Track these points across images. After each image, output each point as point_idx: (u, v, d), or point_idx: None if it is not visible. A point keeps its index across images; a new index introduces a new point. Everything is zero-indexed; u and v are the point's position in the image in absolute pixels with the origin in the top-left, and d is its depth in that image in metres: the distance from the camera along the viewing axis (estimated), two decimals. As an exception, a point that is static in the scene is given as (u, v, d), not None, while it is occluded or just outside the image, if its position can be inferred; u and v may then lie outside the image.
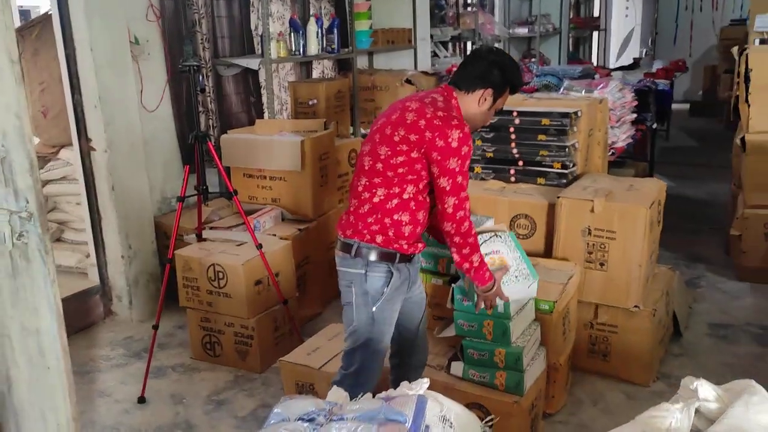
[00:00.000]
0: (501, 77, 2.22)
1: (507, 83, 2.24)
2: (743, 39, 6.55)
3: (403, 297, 2.29)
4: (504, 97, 2.27)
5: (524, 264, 2.48)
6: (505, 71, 2.23)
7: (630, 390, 3.09)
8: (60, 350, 2.31)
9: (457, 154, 2.07)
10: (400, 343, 2.41)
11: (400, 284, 2.23)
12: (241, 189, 3.94)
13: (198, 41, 4.35)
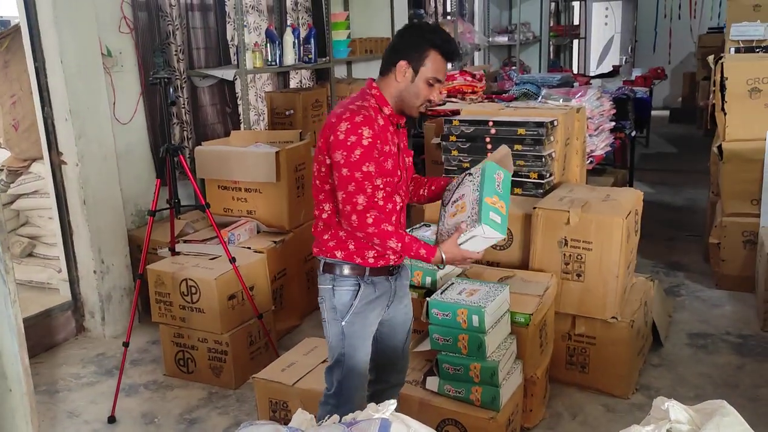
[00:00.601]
0: (412, 44, 2.03)
1: (422, 47, 2.02)
2: (720, 47, 6.61)
3: (381, 312, 2.19)
4: (429, 61, 2.02)
5: (477, 207, 1.99)
6: (413, 36, 2.05)
7: (609, 402, 3.06)
8: (21, 372, 2.25)
9: (342, 146, 1.95)
10: (377, 360, 2.31)
11: (374, 298, 2.14)
12: (216, 201, 3.89)
13: (171, 53, 4.30)
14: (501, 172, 2.04)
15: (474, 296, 2.51)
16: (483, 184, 2.00)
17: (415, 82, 2.04)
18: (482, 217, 1.92)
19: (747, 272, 4.11)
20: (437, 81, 2.05)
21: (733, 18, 5.54)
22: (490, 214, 1.94)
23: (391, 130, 2.10)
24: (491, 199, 1.97)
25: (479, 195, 1.98)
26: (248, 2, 5.15)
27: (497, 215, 1.96)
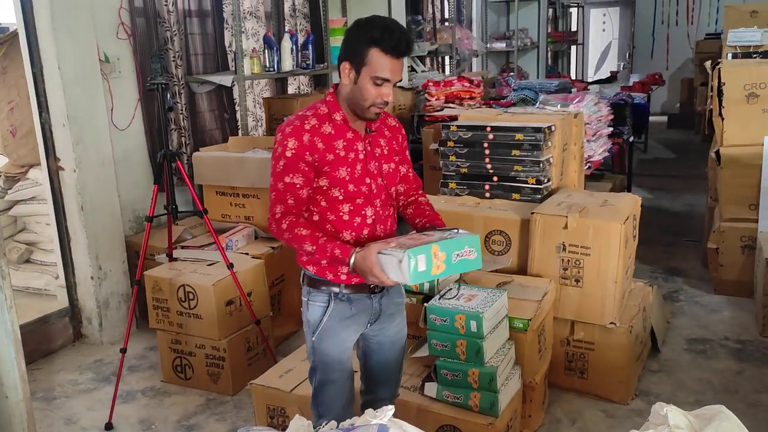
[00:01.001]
0: (352, 42, 1.90)
1: (361, 44, 1.87)
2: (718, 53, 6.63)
3: (359, 329, 2.10)
4: (371, 59, 1.87)
5: (419, 244, 1.84)
6: (353, 34, 1.91)
7: (608, 408, 3.05)
8: (18, 379, 2.24)
9: (272, 156, 1.96)
10: (366, 373, 2.25)
11: (349, 316, 2.05)
12: (213, 207, 3.89)
13: (169, 59, 4.30)
14: (476, 253, 1.87)
15: (472, 302, 2.51)
16: (449, 240, 1.85)
17: (359, 83, 1.90)
18: (413, 250, 1.77)
19: (745, 277, 4.11)
20: (383, 80, 1.88)
21: (731, 24, 5.57)
22: (420, 256, 1.78)
23: (349, 136, 1.98)
24: (437, 249, 1.82)
25: (433, 240, 1.86)
26: (246, 8, 5.15)
27: (426, 265, 1.78)
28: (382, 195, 2.05)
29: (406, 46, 1.88)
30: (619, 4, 12.77)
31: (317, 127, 1.94)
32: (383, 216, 2.07)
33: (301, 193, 1.95)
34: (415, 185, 2.24)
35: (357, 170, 1.98)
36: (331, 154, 1.95)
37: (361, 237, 2.02)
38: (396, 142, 2.13)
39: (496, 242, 3.24)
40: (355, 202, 1.99)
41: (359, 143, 2.00)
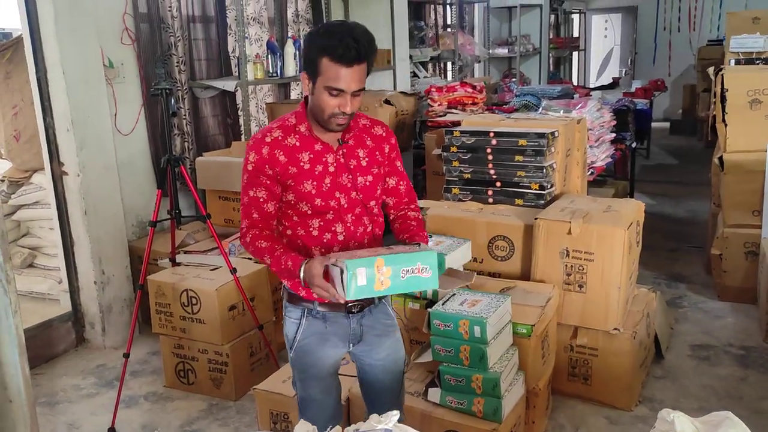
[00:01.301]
0: (307, 52, 1.82)
1: (313, 54, 1.79)
2: (720, 59, 6.64)
3: (338, 349, 2.02)
4: (323, 68, 1.77)
5: (365, 256, 1.72)
6: (307, 44, 1.83)
7: (612, 414, 3.04)
8: (22, 383, 2.24)
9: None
10: (365, 397, 2.20)
11: (322, 335, 1.98)
12: (217, 212, 3.90)
13: (173, 64, 4.31)
14: (430, 271, 1.72)
15: (475, 307, 2.50)
16: (398, 254, 1.72)
17: (315, 94, 1.82)
18: (354, 263, 1.67)
19: (749, 283, 4.10)
20: (337, 90, 1.78)
21: (733, 30, 5.58)
22: (360, 269, 1.66)
23: (317, 148, 1.89)
24: (380, 263, 1.68)
25: (380, 253, 1.74)
26: (249, 14, 5.17)
27: (366, 279, 1.67)
28: (356, 209, 1.95)
29: (356, 54, 1.75)
30: (620, 10, 12.80)
31: (280, 140, 1.88)
32: (358, 232, 1.97)
33: (266, 207, 1.91)
34: (407, 199, 2.12)
35: (326, 184, 1.89)
36: (294, 167, 1.87)
37: (317, 252, 1.94)
38: (380, 153, 2.00)
39: (499, 248, 3.24)
40: (324, 217, 1.92)
41: (329, 155, 1.90)
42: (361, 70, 1.80)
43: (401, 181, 2.09)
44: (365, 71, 1.82)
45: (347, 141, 1.93)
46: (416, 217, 2.08)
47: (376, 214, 2.03)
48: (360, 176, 1.94)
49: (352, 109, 1.82)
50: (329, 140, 1.91)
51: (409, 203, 2.12)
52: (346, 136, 1.93)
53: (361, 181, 1.94)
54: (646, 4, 12.10)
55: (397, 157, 2.06)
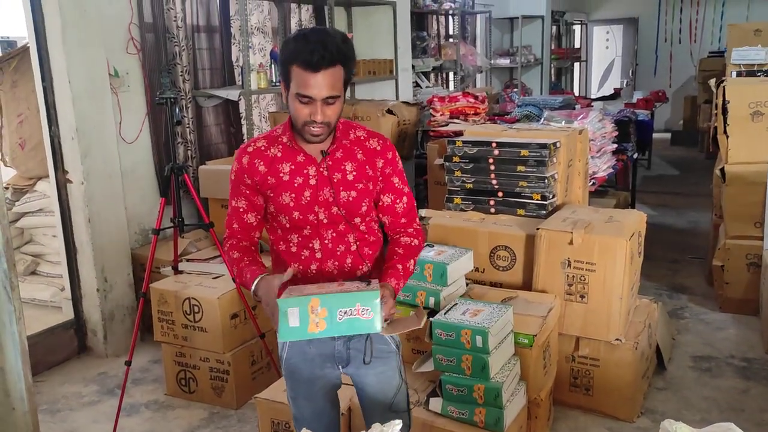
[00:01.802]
0: (281, 59, 1.75)
1: (285, 61, 1.72)
2: (721, 71, 6.67)
3: (326, 371, 1.92)
4: (293, 75, 1.70)
5: (305, 293, 1.63)
6: (281, 50, 1.76)
7: (614, 426, 3.04)
8: (25, 390, 2.24)
9: None
10: (362, 409, 2.08)
11: (308, 356, 1.89)
12: (219, 220, 3.88)
13: (177, 73, 4.34)
14: (372, 313, 1.58)
15: (477, 317, 2.51)
16: (335, 294, 1.60)
17: (289, 102, 1.75)
18: (287, 301, 1.57)
19: (751, 295, 4.10)
20: (306, 97, 1.69)
21: (734, 42, 5.61)
22: (293, 309, 1.56)
23: (299, 159, 1.82)
24: (315, 303, 1.56)
25: (329, 290, 1.63)
26: (253, 24, 5.20)
27: (299, 320, 1.56)
28: (338, 226, 1.85)
29: (321, 59, 1.65)
30: (622, 21, 12.85)
31: (263, 150, 1.83)
32: (338, 250, 1.86)
33: (246, 217, 1.87)
34: (405, 219, 1.95)
35: (305, 197, 1.81)
36: (273, 178, 1.81)
37: (309, 272, 1.86)
38: (371, 167, 1.87)
39: (501, 257, 3.25)
40: (302, 232, 1.84)
41: (311, 167, 1.82)
42: (332, 76, 1.68)
43: (398, 200, 1.93)
44: (338, 77, 1.70)
45: (334, 153, 1.83)
46: (407, 244, 1.93)
47: (366, 232, 1.91)
48: (343, 191, 1.83)
49: (324, 118, 1.72)
50: (313, 152, 1.83)
51: (406, 225, 1.96)
52: (331, 148, 1.83)
53: (343, 196, 1.83)
54: (647, 16, 12.16)
55: (394, 173, 1.91)
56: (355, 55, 1.77)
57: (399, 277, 1.86)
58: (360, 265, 1.89)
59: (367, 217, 1.89)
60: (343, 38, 1.73)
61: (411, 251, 1.93)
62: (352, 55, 1.75)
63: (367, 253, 1.91)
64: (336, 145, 1.84)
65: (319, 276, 1.85)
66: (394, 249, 1.92)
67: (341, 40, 1.71)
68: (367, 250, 1.91)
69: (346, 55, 1.72)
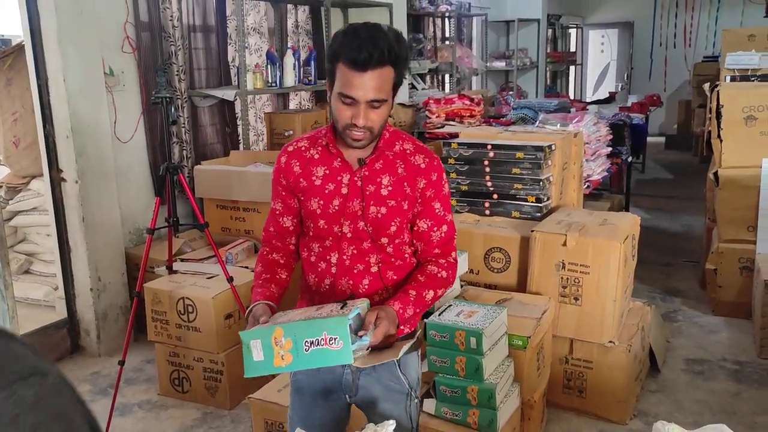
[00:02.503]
0: (328, 56, 1.62)
1: (332, 57, 1.59)
2: (715, 75, 6.70)
3: (329, 399, 1.80)
4: (338, 73, 1.57)
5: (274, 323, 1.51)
6: (329, 46, 1.63)
7: (607, 428, 3.04)
8: (17, 389, 2.24)
9: None
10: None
11: (312, 376, 1.78)
12: (214, 220, 3.90)
13: (173, 73, 4.33)
14: (341, 342, 1.42)
15: (472, 318, 2.51)
16: (300, 322, 1.45)
17: (332, 102, 1.62)
18: (250, 333, 1.46)
19: (743, 299, 4.12)
20: (347, 97, 1.56)
21: (728, 47, 5.63)
22: (255, 341, 1.44)
23: (335, 165, 1.69)
24: (279, 334, 1.43)
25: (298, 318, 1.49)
26: (250, 24, 5.20)
27: (263, 353, 1.43)
28: (362, 243, 1.69)
29: (367, 56, 1.51)
30: (617, 25, 12.91)
31: (303, 150, 1.73)
32: (355, 269, 1.70)
33: (282, 221, 1.77)
34: (439, 250, 1.74)
35: (333, 206, 1.68)
36: (305, 181, 1.70)
37: (322, 287, 1.73)
38: (410, 186, 1.69)
39: (495, 259, 3.26)
40: (323, 242, 1.72)
41: (345, 175, 1.68)
42: (379, 78, 1.54)
43: (436, 227, 1.73)
44: (387, 79, 1.57)
45: (372, 163, 1.68)
46: (432, 273, 1.72)
47: (392, 255, 1.72)
48: (373, 205, 1.67)
49: (367, 123, 1.58)
50: (351, 159, 1.68)
51: (439, 256, 1.75)
52: (371, 157, 1.68)
53: (372, 212, 1.67)
54: (642, 20, 12.21)
55: (436, 197, 1.72)
56: (408, 56, 1.63)
57: (407, 302, 1.64)
58: (379, 289, 1.72)
59: (397, 239, 1.72)
60: (397, 37, 1.58)
61: (433, 282, 1.71)
62: (405, 55, 1.60)
63: (390, 277, 1.73)
64: (377, 154, 1.69)
65: (332, 293, 1.72)
66: (416, 275, 1.73)
67: (394, 39, 1.56)
68: (391, 275, 1.74)
69: (399, 56, 1.57)
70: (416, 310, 1.68)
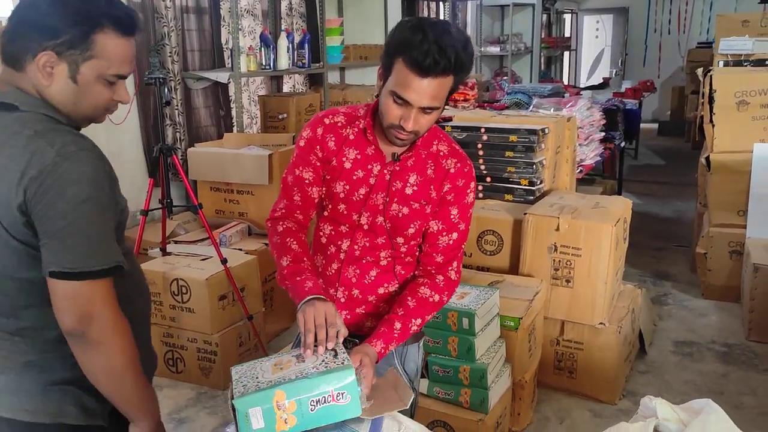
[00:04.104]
0: (387, 44, 1.51)
1: (391, 47, 1.49)
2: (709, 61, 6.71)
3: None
4: (395, 68, 1.48)
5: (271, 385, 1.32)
6: (391, 34, 1.52)
7: (596, 408, 3.08)
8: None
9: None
10: None
11: None
12: (208, 202, 3.90)
13: (166, 54, 4.31)
14: (348, 396, 1.31)
15: (464, 299, 2.54)
16: (301, 380, 1.31)
17: (382, 94, 1.53)
18: (246, 400, 1.29)
19: (733, 282, 4.16)
20: (400, 98, 1.47)
21: (722, 33, 5.64)
22: (254, 409, 1.28)
23: (368, 152, 1.63)
24: (281, 396, 1.29)
25: (277, 372, 1.36)
26: (243, 6, 5.17)
27: (264, 420, 1.29)
28: (378, 238, 1.65)
29: (434, 64, 1.42)
30: (612, 11, 12.88)
31: (339, 126, 1.64)
32: (364, 260, 1.66)
33: (310, 191, 1.66)
34: (442, 260, 1.67)
35: (358, 194, 1.63)
36: (336, 160, 1.63)
37: (329, 271, 1.69)
38: (435, 189, 1.64)
39: (488, 242, 3.28)
40: (338, 227, 1.67)
41: (377, 165, 1.62)
42: (440, 86, 1.46)
43: (445, 232, 1.66)
44: (445, 88, 1.49)
45: (405, 160, 1.62)
46: (423, 297, 1.63)
47: (405, 253, 1.68)
48: (396, 203, 1.62)
49: (415, 127, 1.51)
50: (386, 149, 1.62)
51: (440, 267, 1.67)
52: (405, 154, 1.62)
53: (394, 209, 1.62)
54: (637, 6, 12.18)
55: (455, 202, 1.65)
56: (472, 65, 1.53)
57: (390, 339, 1.57)
58: (387, 282, 1.68)
59: (413, 240, 1.67)
60: (465, 44, 1.47)
61: (424, 308, 1.63)
62: (469, 65, 1.50)
63: (398, 271, 1.69)
64: (412, 152, 1.62)
65: (336, 279, 1.68)
66: (406, 299, 1.63)
67: (462, 47, 1.46)
68: (400, 269, 1.69)
69: (463, 66, 1.48)
70: (398, 344, 1.60)
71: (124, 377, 1.35)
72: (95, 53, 1.31)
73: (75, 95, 1.34)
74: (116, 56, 1.33)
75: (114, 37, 1.32)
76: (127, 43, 1.34)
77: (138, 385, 1.40)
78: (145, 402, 1.43)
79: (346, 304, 1.70)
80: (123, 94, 1.39)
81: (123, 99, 1.39)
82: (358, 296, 1.69)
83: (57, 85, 1.32)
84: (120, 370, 1.34)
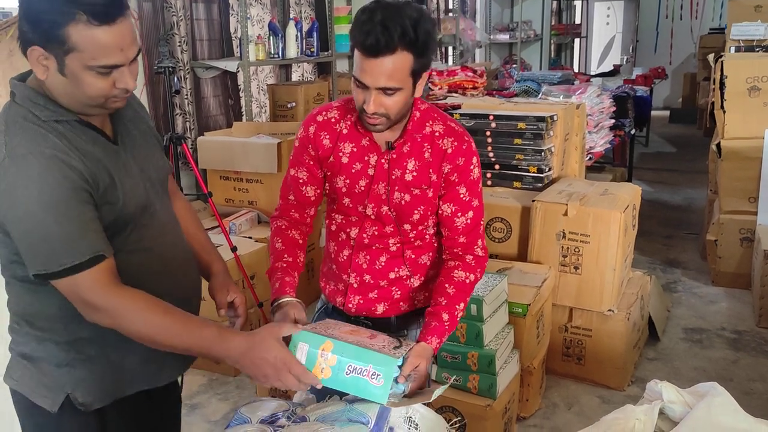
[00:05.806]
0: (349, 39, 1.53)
1: (349, 38, 1.52)
2: (721, 47, 6.64)
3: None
4: (354, 52, 1.49)
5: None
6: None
7: (605, 394, 3.09)
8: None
9: None
10: None
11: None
12: (217, 191, 3.93)
13: (175, 43, 4.32)
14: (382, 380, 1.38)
15: (472, 286, 2.54)
16: (352, 345, 1.41)
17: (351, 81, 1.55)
18: (303, 335, 1.43)
19: (743, 269, 4.15)
20: (359, 82, 1.49)
21: (734, 18, 5.57)
22: (303, 345, 1.43)
23: (363, 144, 1.63)
24: (329, 346, 1.41)
25: (346, 336, 1.45)
26: (252, -5, 5.17)
27: (306, 358, 1.42)
28: (385, 227, 1.67)
29: (374, 42, 1.41)
30: (623, -3, 12.77)
31: (332, 122, 1.65)
32: (374, 246, 1.69)
33: (305, 190, 1.70)
34: (465, 239, 1.67)
35: (359, 186, 1.65)
36: (332, 156, 1.65)
37: (340, 257, 1.74)
38: (435, 171, 1.62)
39: (497, 229, 3.28)
40: (348, 217, 1.70)
41: (373, 156, 1.63)
42: (394, 64, 1.45)
43: (460, 213, 1.65)
44: (401, 67, 1.46)
45: (400, 147, 1.62)
46: (460, 281, 1.65)
47: (414, 238, 1.69)
48: (398, 191, 1.63)
49: (378, 109, 1.50)
50: (379, 139, 1.63)
51: (466, 247, 1.68)
52: (399, 141, 1.62)
53: (396, 197, 1.63)
54: (649, -8, 12.07)
55: (461, 181, 1.63)
56: (431, 40, 1.49)
57: (443, 332, 1.60)
58: (397, 267, 1.71)
59: (420, 226, 1.67)
60: (417, 20, 1.44)
61: (463, 292, 1.65)
62: (426, 40, 1.46)
63: (408, 256, 1.71)
64: (405, 138, 1.62)
65: (348, 265, 1.72)
66: (444, 287, 1.65)
67: (413, 23, 1.43)
68: (410, 254, 1.71)
69: (417, 41, 1.44)
70: (449, 333, 1.64)
71: (155, 340, 1.39)
72: (72, 46, 1.26)
73: (68, 87, 1.32)
74: (95, 47, 1.26)
75: (88, 27, 1.25)
76: (106, 31, 1.26)
77: (180, 338, 1.42)
78: (204, 347, 1.47)
79: (359, 289, 1.74)
80: (127, 81, 1.33)
81: (128, 86, 1.34)
82: (370, 281, 1.73)
83: (51, 78, 1.32)
84: (149, 337, 1.39)
